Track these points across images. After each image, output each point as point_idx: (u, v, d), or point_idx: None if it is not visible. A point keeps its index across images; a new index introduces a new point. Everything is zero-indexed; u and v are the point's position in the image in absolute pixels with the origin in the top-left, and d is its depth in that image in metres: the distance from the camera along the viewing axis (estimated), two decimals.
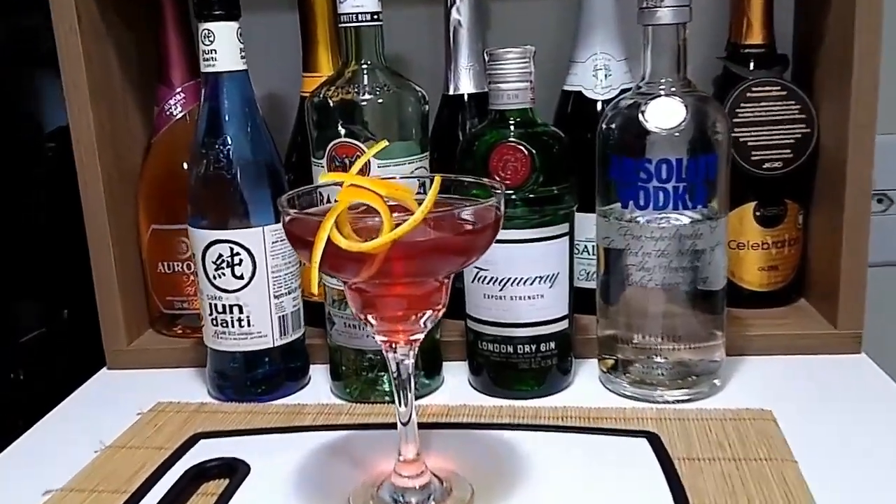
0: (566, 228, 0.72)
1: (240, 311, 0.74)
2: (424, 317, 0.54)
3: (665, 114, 0.68)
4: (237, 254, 0.73)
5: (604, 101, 0.82)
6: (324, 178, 0.55)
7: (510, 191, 0.68)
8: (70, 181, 0.81)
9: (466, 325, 0.75)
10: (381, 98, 0.70)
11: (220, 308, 0.74)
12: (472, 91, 0.85)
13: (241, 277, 0.73)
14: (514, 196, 0.69)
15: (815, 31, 0.82)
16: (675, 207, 0.68)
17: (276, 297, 0.75)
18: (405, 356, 0.56)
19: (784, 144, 0.81)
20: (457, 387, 0.77)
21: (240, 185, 0.73)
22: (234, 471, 0.63)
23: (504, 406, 0.72)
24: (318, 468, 0.64)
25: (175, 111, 0.85)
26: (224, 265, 0.73)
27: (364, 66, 0.71)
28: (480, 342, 0.74)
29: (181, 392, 0.78)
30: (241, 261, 0.73)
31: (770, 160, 0.82)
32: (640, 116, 0.68)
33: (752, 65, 0.83)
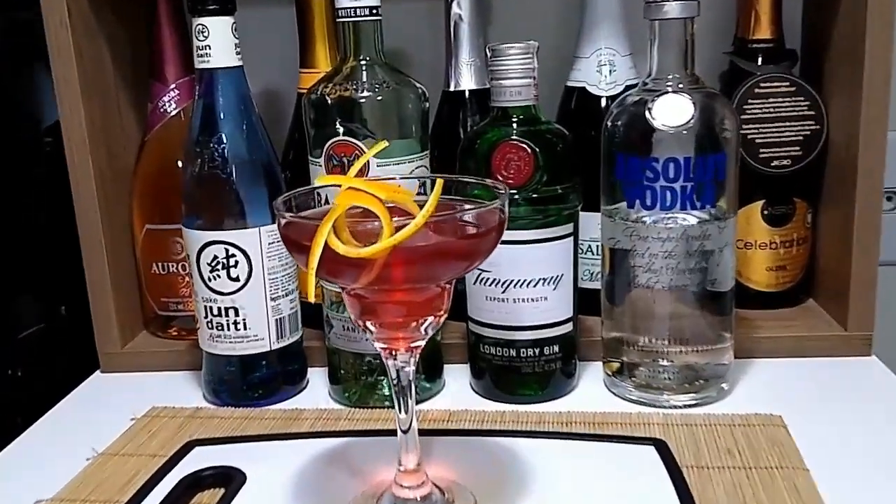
0: (570, 229, 0.70)
1: (235, 314, 0.72)
2: (426, 323, 0.52)
3: (673, 111, 0.66)
4: (233, 255, 0.71)
5: (608, 98, 0.80)
6: (321, 181, 0.53)
7: (513, 190, 0.66)
8: (68, 177, 0.79)
9: (468, 328, 0.74)
10: (381, 95, 0.68)
11: (216, 311, 0.73)
12: (474, 87, 0.83)
13: (237, 279, 0.72)
14: (518, 196, 0.67)
15: (825, 25, 0.81)
16: (683, 207, 0.66)
17: (273, 300, 0.73)
18: (406, 363, 0.54)
19: (793, 141, 0.80)
20: (458, 391, 0.76)
21: (235, 185, 0.71)
22: (230, 480, 0.61)
23: (507, 411, 0.70)
24: (316, 477, 0.62)
25: (169, 108, 0.83)
26: (219, 267, 0.72)
27: (363, 62, 0.69)
28: (482, 345, 0.73)
29: (176, 396, 0.77)
30: (237, 262, 0.71)
31: (778, 158, 0.80)
32: (647, 114, 0.66)
33: (760, 60, 0.81)
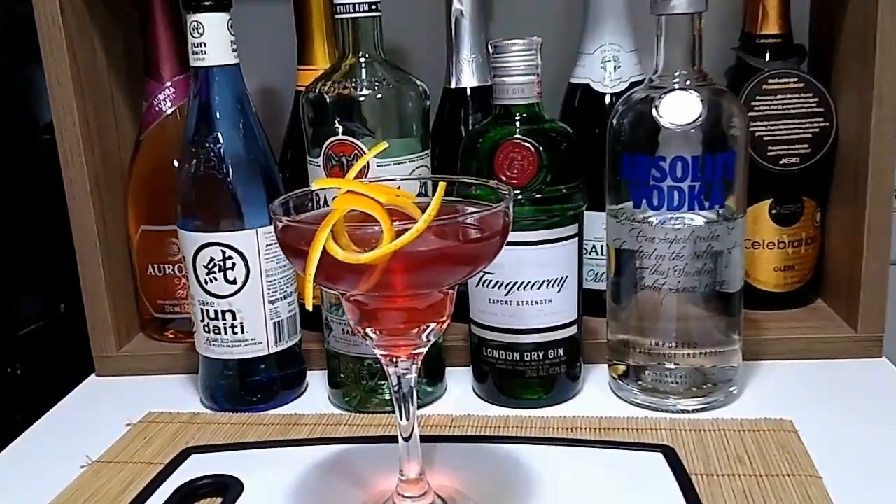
0: (575, 230, 0.68)
1: (233, 318, 0.71)
2: (428, 330, 0.51)
3: (680, 108, 0.64)
4: (230, 257, 0.70)
5: (612, 95, 0.79)
6: (319, 184, 0.51)
7: (516, 191, 0.65)
8: None
9: (470, 331, 0.72)
10: (380, 93, 0.67)
11: (213, 314, 0.71)
12: (475, 84, 0.81)
13: (234, 282, 0.70)
14: (521, 196, 0.66)
15: (834, 20, 0.79)
16: (691, 208, 0.65)
17: (271, 303, 0.71)
18: (407, 370, 0.53)
19: (801, 139, 0.78)
20: (461, 395, 0.74)
21: (232, 185, 0.70)
22: (227, 489, 0.60)
23: (511, 416, 0.69)
24: (316, 486, 0.61)
25: (165, 107, 0.82)
26: (216, 269, 0.70)
27: (362, 60, 0.67)
28: (485, 348, 0.71)
29: (172, 401, 0.75)
30: (234, 265, 0.70)
31: (786, 155, 0.79)
32: (654, 111, 0.65)
33: (768, 56, 0.79)
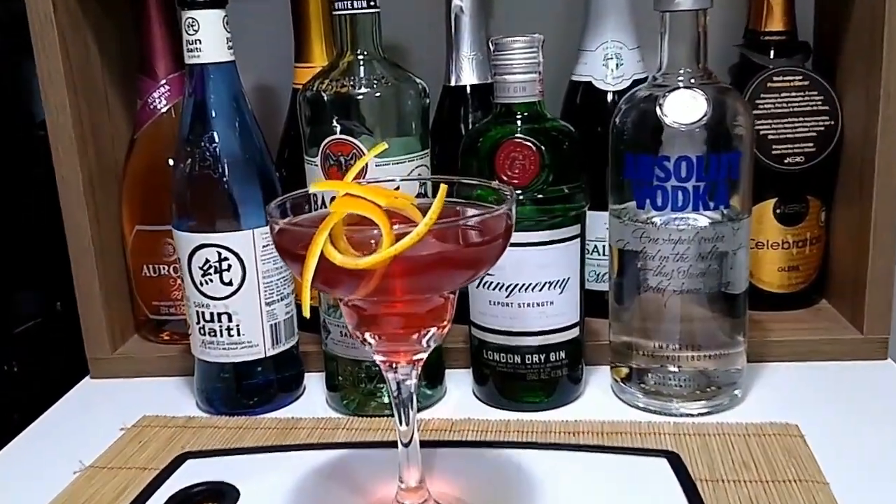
0: (577, 230, 0.67)
1: (229, 320, 0.70)
2: (428, 335, 0.49)
3: (685, 107, 0.63)
4: (225, 259, 0.68)
5: (615, 93, 0.78)
6: (316, 187, 0.50)
7: (518, 191, 0.64)
8: None
9: (470, 333, 0.71)
10: (379, 91, 0.66)
11: (208, 316, 0.70)
12: (475, 82, 0.80)
13: (230, 284, 0.69)
14: (522, 196, 0.64)
15: (840, 17, 0.78)
16: (695, 208, 0.64)
17: (268, 305, 0.70)
18: (407, 376, 0.51)
19: (806, 138, 0.77)
20: (461, 397, 0.73)
21: (228, 185, 0.68)
22: (222, 496, 0.59)
23: (512, 420, 0.68)
24: (313, 493, 0.60)
25: (159, 105, 0.80)
26: (211, 271, 0.69)
27: (360, 57, 0.66)
28: (486, 351, 0.70)
29: (168, 404, 0.74)
30: (230, 266, 0.69)
31: (791, 154, 0.77)
32: (658, 110, 0.64)
33: (773, 53, 0.78)
